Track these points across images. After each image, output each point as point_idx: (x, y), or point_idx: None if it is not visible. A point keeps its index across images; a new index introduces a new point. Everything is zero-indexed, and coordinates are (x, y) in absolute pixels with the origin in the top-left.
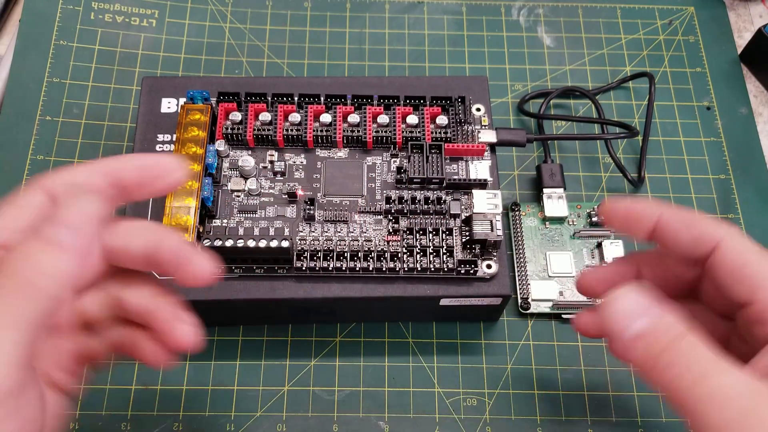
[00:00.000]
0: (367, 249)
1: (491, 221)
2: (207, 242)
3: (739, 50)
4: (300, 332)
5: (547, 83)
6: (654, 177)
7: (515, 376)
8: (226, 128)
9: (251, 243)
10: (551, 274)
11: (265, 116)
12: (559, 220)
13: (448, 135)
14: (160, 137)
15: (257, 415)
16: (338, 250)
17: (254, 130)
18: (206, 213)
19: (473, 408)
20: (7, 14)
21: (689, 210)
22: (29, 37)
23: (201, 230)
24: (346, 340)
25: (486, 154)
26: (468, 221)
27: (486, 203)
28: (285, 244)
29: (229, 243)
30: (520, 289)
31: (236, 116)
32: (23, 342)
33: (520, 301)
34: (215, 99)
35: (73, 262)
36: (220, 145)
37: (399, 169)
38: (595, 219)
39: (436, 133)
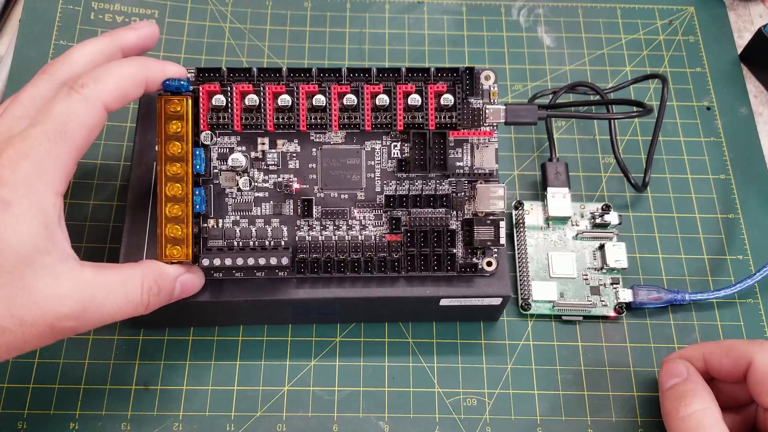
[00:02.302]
0: (367, 249)
1: (493, 220)
2: (206, 261)
3: (739, 50)
4: (300, 332)
5: (548, 83)
6: (654, 177)
7: (515, 376)
8: (211, 117)
9: (251, 260)
10: (553, 275)
11: (253, 99)
12: (562, 220)
13: (454, 119)
14: None
15: (257, 415)
16: (338, 250)
17: (241, 113)
18: (200, 217)
19: (473, 408)
20: (7, 14)
21: (724, 340)
22: (29, 37)
23: (197, 231)
24: (346, 340)
25: (494, 135)
26: (470, 221)
27: (489, 201)
28: (285, 261)
29: (228, 261)
30: (520, 289)
31: (220, 100)
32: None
33: (520, 301)
34: (193, 73)
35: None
36: (206, 138)
37: (399, 161)
38: (598, 220)
39: (440, 118)
